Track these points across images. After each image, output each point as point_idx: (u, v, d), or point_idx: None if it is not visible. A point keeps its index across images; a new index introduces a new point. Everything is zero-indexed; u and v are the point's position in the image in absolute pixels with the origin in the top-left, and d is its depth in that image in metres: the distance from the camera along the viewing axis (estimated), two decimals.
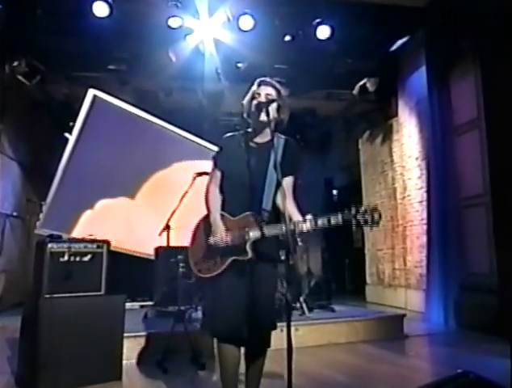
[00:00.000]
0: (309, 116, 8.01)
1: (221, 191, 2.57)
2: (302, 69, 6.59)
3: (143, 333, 4.10)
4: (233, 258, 2.41)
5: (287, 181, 2.50)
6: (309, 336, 4.58)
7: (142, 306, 5.98)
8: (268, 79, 2.55)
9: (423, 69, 6.41)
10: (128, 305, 6.28)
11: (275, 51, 6.29)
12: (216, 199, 2.54)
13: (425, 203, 6.36)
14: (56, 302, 3.27)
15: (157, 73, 6.43)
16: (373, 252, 8.20)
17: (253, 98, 2.51)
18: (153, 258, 5.87)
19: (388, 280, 7.67)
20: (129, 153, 6.60)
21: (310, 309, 5.21)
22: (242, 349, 2.50)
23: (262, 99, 2.47)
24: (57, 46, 6.07)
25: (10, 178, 6.76)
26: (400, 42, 6.64)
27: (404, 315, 5.16)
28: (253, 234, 2.38)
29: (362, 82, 6.89)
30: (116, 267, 6.74)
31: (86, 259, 3.58)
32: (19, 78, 6.02)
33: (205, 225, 2.53)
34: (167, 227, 5.17)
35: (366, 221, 2.18)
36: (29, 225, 7.04)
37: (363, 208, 2.20)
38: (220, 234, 2.43)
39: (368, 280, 8.26)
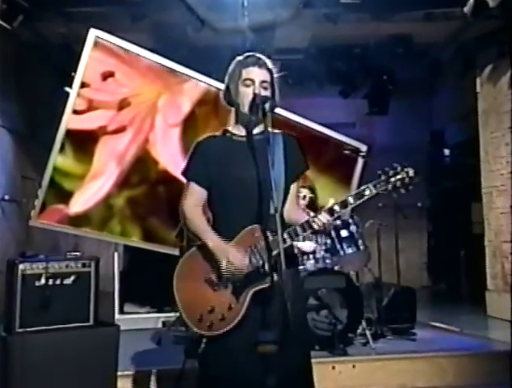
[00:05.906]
0: (402, 47, 7.83)
1: (205, 210, 2.70)
2: None
3: (144, 370, 4.49)
4: (254, 289, 2.47)
5: (292, 189, 2.75)
6: (372, 376, 4.75)
7: (165, 324, 6.44)
8: (261, 56, 2.70)
9: None
10: (152, 316, 6.88)
11: None
12: (202, 218, 2.67)
13: None
14: (30, 338, 3.74)
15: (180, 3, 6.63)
16: (497, 245, 8.06)
17: (242, 84, 2.64)
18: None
19: None
20: None
21: (379, 336, 5.36)
22: None
23: (257, 89, 2.61)
24: None
25: None
26: None
27: None
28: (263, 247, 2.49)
29: None
30: (139, 268, 7.28)
31: (69, 281, 4.01)
32: None
33: (198, 260, 2.59)
34: None
35: (403, 182, 2.52)
36: (27, 210, 7.55)
37: (391, 172, 2.53)
38: (233, 257, 2.47)
39: (489, 284, 8.17)
